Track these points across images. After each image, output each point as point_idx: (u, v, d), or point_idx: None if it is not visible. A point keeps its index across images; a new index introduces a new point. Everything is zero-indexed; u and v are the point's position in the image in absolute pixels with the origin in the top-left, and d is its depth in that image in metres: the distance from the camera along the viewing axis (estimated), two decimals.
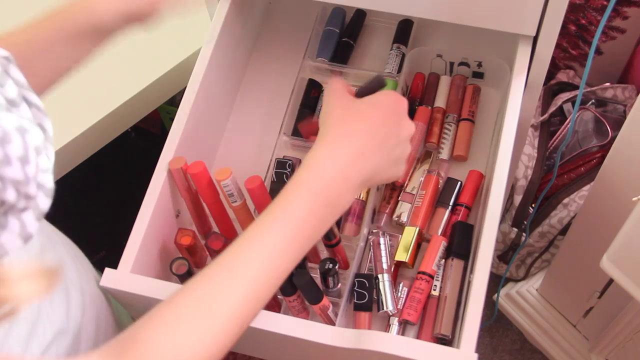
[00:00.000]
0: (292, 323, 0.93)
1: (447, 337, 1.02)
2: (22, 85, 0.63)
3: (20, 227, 0.58)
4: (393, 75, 1.23)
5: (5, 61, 0.62)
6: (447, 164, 1.17)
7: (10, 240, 0.57)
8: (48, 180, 0.61)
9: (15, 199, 0.56)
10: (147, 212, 1.02)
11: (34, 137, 0.58)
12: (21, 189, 0.56)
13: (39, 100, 0.65)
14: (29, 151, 0.56)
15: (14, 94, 0.61)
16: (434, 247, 1.08)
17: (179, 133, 1.08)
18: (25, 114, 0.61)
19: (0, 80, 0.60)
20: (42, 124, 0.64)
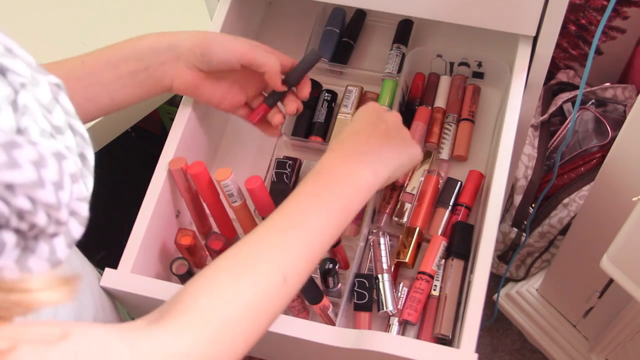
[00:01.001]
0: (292, 323, 0.93)
1: (447, 337, 1.02)
2: (70, 113, 0.62)
3: (50, 253, 0.57)
4: (393, 75, 1.23)
5: (56, 88, 0.61)
6: (447, 164, 1.17)
7: (38, 265, 0.56)
8: (83, 209, 0.60)
9: (45, 223, 0.55)
10: (147, 212, 1.02)
11: (70, 164, 0.57)
12: (52, 213, 0.55)
13: (85, 130, 0.64)
14: (64, 177, 0.56)
15: (61, 122, 0.60)
16: (434, 247, 1.08)
17: (179, 133, 1.08)
18: (69, 142, 0.60)
19: (49, 106, 0.60)
20: (84, 152, 0.63)
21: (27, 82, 0.57)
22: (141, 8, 1.51)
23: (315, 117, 1.22)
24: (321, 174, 0.89)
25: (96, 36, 1.45)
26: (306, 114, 1.22)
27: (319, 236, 0.86)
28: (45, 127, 0.57)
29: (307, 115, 1.23)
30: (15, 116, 0.55)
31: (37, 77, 0.59)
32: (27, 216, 0.54)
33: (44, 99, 0.59)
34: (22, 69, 0.58)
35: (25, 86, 0.57)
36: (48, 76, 0.61)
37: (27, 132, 0.55)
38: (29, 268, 0.56)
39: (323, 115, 1.22)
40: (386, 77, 1.23)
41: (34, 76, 0.59)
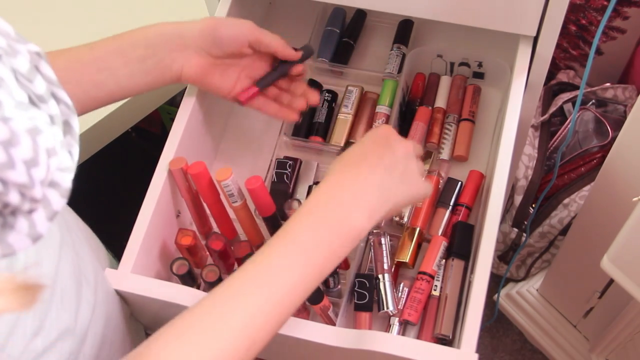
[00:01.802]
0: (292, 323, 0.93)
1: (448, 338, 1.02)
2: (52, 81, 0.62)
3: (29, 227, 0.57)
4: (393, 75, 1.23)
5: (37, 57, 0.61)
6: (448, 164, 1.17)
7: (19, 240, 0.57)
8: (65, 180, 0.60)
9: (19, 201, 0.55)
10: (148, 213, 1.02)
11: (47, 138, 0.57)
12: (26, 192, 0.55)
13: (68, 98, 0.64)
14: (40, 153, 0.56)
15: (42, 90, 0.60)
16: (434, 248, 1.08)
17: (179, 133, 1.08)
18: (52, 110, 0.61)
19: (29, 75, 0.60)
20: (69, 120, 0.63)
21: (3, 52, 0.57)
22: (141, 8, 1.51)
23: (315, 117, 1.23)
24: (311, 215, 0.84)
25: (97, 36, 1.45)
26: (306, 114, 1.22)
27: (294, 293, 0.82)
28: (22, 98, 0.57)
29: (307, 115, 1.23)
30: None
31: (16, 46, 0.59)
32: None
33: (23, 68, 0.59)
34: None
35: (0, 57, 0.56)
36: (27, 44, 0.61)
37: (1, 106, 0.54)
38: (9, 244, 0.56)
39: (323, 115, 1.22)
40: (386, 77, 1.23)
41: (12, 45, 0.59)
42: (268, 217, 1.06)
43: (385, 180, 0.87)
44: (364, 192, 0.86)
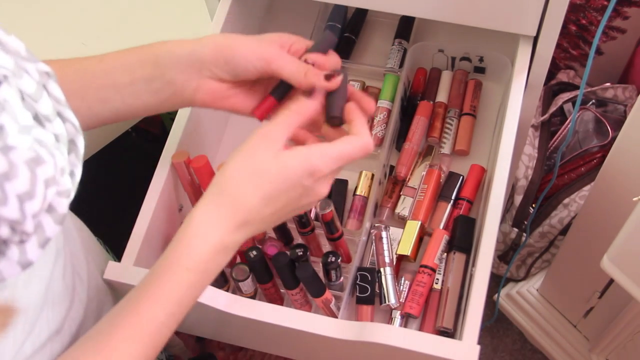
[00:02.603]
0: (295, 316, 0.93)
1: (449, 331, 1.02)
2: (60, 101, 0.62)
3: (20, 255, 0.57)
4: (395, 70, 1.23)
5: (46, 76, 0.61)
6: (449, 158, 1.18)
7: (8, 267, 0.56)
8: (62, 205, 0.59)
9: (9, 235, 0.55)
10: (150, 206, 1.03)
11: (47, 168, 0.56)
12: (17, 227, 0.55)
13: (75, 118, 0.63)
14: (37, 185, 0.55)
15: (48, 110, 0.60)
16: (436, 241, 1.08)
17: (181, 127, 1.08)
18: (58, 130, 0.60)
19: (35, 95, 0.59)
20: (74, 140, 0.63)
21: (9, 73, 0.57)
22: (141, 8, 1.51)
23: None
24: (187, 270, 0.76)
25: (97, 36, 1.45)
26: None
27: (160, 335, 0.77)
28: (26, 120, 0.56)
29: None
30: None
31: (25, 65, 0.59)
32: None
33: (29, 89, 0.58)
34: (4, 60, 0.57)
35: (7, 78, 0.56)
36: (37, 64, 0.60)
37: (3, 131, 0.53)
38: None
39: None
40: (388, 72, 1.24)
41: (20, 65, 0.58)
42: None
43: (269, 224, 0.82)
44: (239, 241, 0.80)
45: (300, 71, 0.85)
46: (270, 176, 0.77)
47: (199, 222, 0.77)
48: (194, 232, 0.77)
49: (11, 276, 0.57)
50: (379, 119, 1.20)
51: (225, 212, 0.77)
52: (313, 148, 0.79)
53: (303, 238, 1.07)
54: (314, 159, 0.78)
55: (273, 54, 0.86)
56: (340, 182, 1.19)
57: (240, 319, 0.94)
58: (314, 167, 0.78)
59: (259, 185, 0.77)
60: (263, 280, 1.04)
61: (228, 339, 1.22)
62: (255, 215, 0.78)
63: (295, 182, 0.78)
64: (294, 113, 0.82)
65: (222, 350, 1.90)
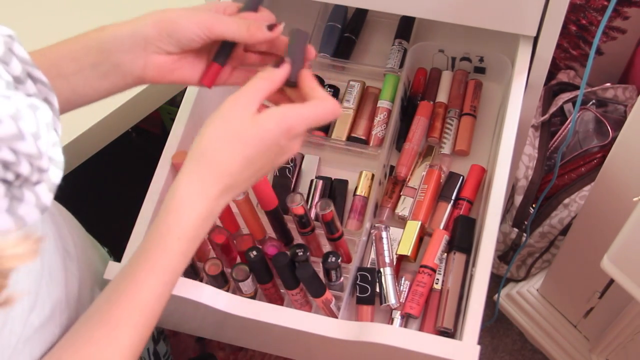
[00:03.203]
0: (295, 316, 0.93)
1: (450, 331, 1.02)
2: (26, 62, 0.64)
3: (36, 199, 0.59)
4: (395, 70, 1.24)
5: (9, 39, 0.63)
6: (449, 158, 1.18)
7: (28, 212, 0.59)
8: (58, 154, 0.62)
9: (29, 172, 0.57)
10: (151, 206, 1.03)
11: (44, 113, 0.59)
12: (34, 162, 0.58)
13: (44, 76, 0.66)
14: (41, 127, 0.58)
15: (18, 71, 0.62)
16: (436, 241, 1.08)
17: (182, 127, 1.08)
18: (31, 90, 0.63)
19: (5, 58, 0.61)
20: (48, 98, 0.65)
21: None
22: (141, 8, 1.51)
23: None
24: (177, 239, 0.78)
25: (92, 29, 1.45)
26: None
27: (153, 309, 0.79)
28: (8, 79, 0.59)
29: None
30: None
31: None
32: (11, 167, 0.56)
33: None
34: None
35: None
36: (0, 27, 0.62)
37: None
38: (21, 216, 0.58)
39: None
40: (388, 72, 1.24)
41: None
42: (270, 211, 1.06)
43: (249, 184, 0.84)
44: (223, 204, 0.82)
45: (242, 27, 0.88)
46: (249, 139, 0.79)
47: (185, 192, 0.79)
48: (181, 202, 0.78)
49: (32, 220, 0.59)
50: (379, 119, 1.20)
51: (208, 179, 0.79)
52: (288, 109, 0.81)
53: (303, 238, 1.07)
54: (289, 119, 0.80)
55: (213, 19, 0.89)
56: (341, 182, 1.19)
57: (241, 319, 0.94)
58: (290, 126, 0.80)
59: (239, 149, 0.79)
60: (263, 281, 1.04)
61: (228, 339, 1.22)
62: (237, 178, 0.80)
63: (273, 142, 0.80)
64: (264, 79, 0.83)
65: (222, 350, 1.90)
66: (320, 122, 0.84)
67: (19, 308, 0.74)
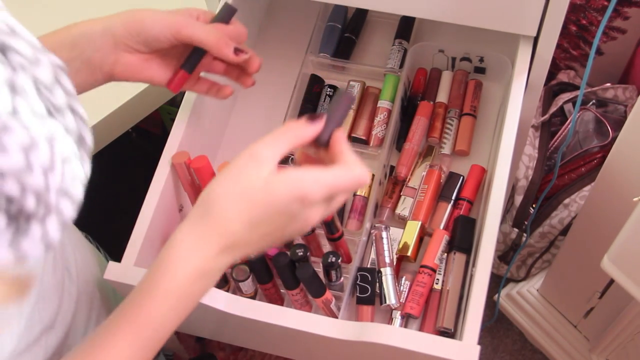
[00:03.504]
0: (295, 316, 0.93)
1: (450, 331, 1.02)
2: (71, 94, 0.62)
3: (43, 234, 0.57)
4: (395, 70, 1.24)
5: (59, 69, 0.62)
6: (449, 158, 1.18)
7: (32, 247, 0.56)
8: (77, 190, 0.60)
9: (34, 206, 0.55)
10: (151, 206, 1.02)
11: (63, 145, 0.57)
12: (42, 197, 0.55)
13: (84, 112, 0.64)
14: (56, 160, 0.56)
15: (61, 102, 0.60)
16: (436, 241, 1.08)
17: (182, 128, 1.08)
18: (69, 122, 0.60)
19: (50, 86, 0.60)
20: (82, 134, 0.63)
21: (27, 62, 0.57)
22: None
23: (317, 112, 1.22)
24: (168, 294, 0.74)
25: None
26: (308, 109, 1.23)
27: None
28: (39, 109, 0.57)
29: (309, 111, 1.23)
30: (11, 97, 0.54)
31: (40, 56, 0.59)
32: (16, 200, 0.53)
33: (46, 79, 0.59)
34: (24, 49, 0.58)
35: (24, 67, 0.57)
36: (49, 55, 0.61)
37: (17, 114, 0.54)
38: (23, 250, 0.56)
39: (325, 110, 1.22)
40: (388, 72, 1.24)
41: (37, 56, 0.59)
42: None
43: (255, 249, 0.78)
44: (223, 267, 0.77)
45: (211, 36, 0.90)
46: (258, 201, 0.74)
47: (182, 245, 0.75)
48: (175, 255, 0.74)
49: (35, 256, 0.57)
50: (380, 119, 1.20)
51: (209, 235, 0.74)
52: (305, 173, 0.75)
53: (303, 238, 1.07)
54: (305, 185, 0.74)
55: (182, 22, 0.90)
56: None
57: (241, 319, 0.94)
58: (304, 193, 0.74)
59: (245, 210, 0.74)
60: (263, 281, 1.04)
61: (228, 339, 1.22)
62: (240, 239, 0.75)
63: (283, 208, 0.74)
64: (288, 134, 0.78)
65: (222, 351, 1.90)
66: (343, 192, 0.78)
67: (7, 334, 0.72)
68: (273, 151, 0.76)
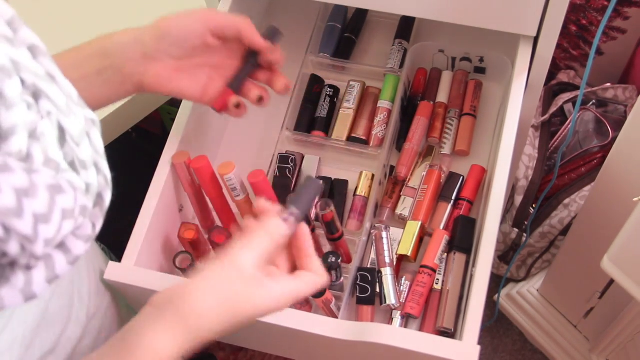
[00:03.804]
0: (295, 316, 0.93)
1: (450, 331, 1.02)
2: (98, 151, 0.62)
3: (25, 284, 0.55)
4: (395, 70, 1.24)
5: (91, 123, 0.61)
6: (449, 158, 1.18)
7: (11, 295, 0.55)
8: (77, 247, 0.59)
9: (17, 253, 0.53)
10: (151, 206, 1.03)
11: (67, 199, 0.55)
12: (27, 245, 0.53)
13: (109, 171, 0.64)
14: (54, 212, 0.54)
15: (87, 157, 0.60)
16: (436, 241, 1.08)
17: (182, 128, 1.08)
18: (91, 179, 0.60)
19: (78, 138, 0.59)
20: (102, 194, 0.62)
21: (57, 110, 0.57)
22: (142, 8, 1.51)
23: (317, 112, 1.23)
24: None
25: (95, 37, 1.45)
26: (308, 109, 1.23)
27: None
28: (56, 158, 0.56)
29: (309, 110, 1.23)
30: (28, 142, 0.53)
31: (74, 108, 0.59)
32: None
33: (74, 130, 0.58)
34: (57, 97, 0.57)
35: (50, 115, 0.56)
36: (85, 110, 0.60)
37: (30, 159, 0.53)
38: (0, 297, 0.54)
39: (325, 110, 1.22)
40: (388, 73, 1.24)
41: (70, 107, 0.58)
42: None
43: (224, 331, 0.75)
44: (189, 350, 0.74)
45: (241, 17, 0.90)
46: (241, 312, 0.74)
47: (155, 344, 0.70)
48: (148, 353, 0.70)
49: (12, 305, 0.55)
50: (380, 119, 1.20)
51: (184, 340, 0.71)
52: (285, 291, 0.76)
53: None
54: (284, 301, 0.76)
55: (209, 13, 0.91)
56: (341, 182, 1.19)
57: None
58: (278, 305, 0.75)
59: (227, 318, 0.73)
60: None
61: (228, 339, 1.22)
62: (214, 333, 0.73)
63: (258, 314, 0.75)
64: (267, 238, 0.77)
65: (222, 351, 1.90)
66: (302, 298, 0.79)
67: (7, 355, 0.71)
68: (252, 256, 0.75)
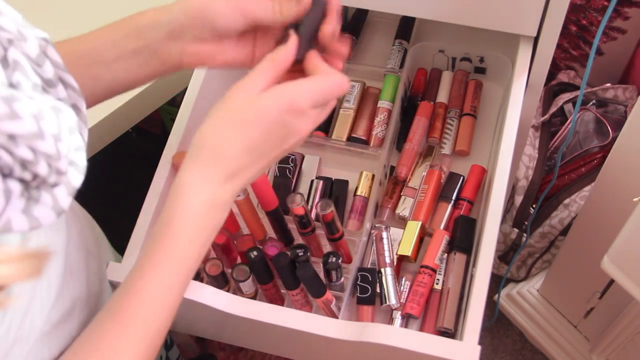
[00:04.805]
0: (295, 316, 0.93)
1: (450, 331, 1.02)
2: (59, 66, 0.64)
3: (53, 201, 0.59)
4: (395, 70, 1.24)
5: (44, 42, 0.63)
6: (450, 158, 1.18)
7: (44, 214, 0.59)
8: (81, 158, 0.62)
9: (47, 172, 0.57)
10: (151, 206, 1.02)
11: (67, 117, 0.59)
12: (53, 163, 0.58)
13: (75, 82, 0.66)
14: (62, 129, 0.58)
15: (50, 75, 0.62)
16: (436, 242, 1.08)
17: (182, 127, 1.08)
18: (61, 94, 0.63)
19: (38, 60, 0.62)
20: (77, 104, 0.65)
21: (14, 37, 0.59)
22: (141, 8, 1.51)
23: None
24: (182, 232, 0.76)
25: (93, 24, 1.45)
26: None
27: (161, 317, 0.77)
28: (37, 81, 0.59)
29: None
30: (5, 72, 0.57)
31: (24, 32, 0.61)
32: (29, 166, 0.56)
33: (33, 53, 0.61)
34: (8, 25, 0.59)
35: (12, 42, 0.58)
36: (35, 30, 0.63)
37: (20, 87, 0.57)
38: (35, 217, 0.58)
39: None
40: (388, 73, 1.24)
41: (21, 31, 0.60)
42: (271, 211, 1.06)
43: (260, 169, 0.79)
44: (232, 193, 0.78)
45: (276, 7, 0.84)
46: (248, 120, 0.76)
47: (186, 180, 0.76)
48: (183, 190, 0.76)
49: (47, 222, 0.59)
50: (380, 119, 1.20)
51: (210, 165, 0.76)
52: (288, 84, 0.77)
53: (304, 238, 1.07)
54: (291, 95, 0.76)
55: (242, 2, 0.85)
56: (341, 182, 1.19)
57: (241, 319, 0.94)
58: (291, 101, 0.76)
59: (238, 132, 0.76)
60: (263, 281, 1.03)
61: (228, 340, 1.22)
62: (241, 162, 0.77)
63: (274, 120, 0.76)
64: (269, 62, 0.79)
65: (222, 351, 1.90)
66: (327, 97, 0.79)
67: (39, 303, 0.74)
68: (257, 79, 0.78)
